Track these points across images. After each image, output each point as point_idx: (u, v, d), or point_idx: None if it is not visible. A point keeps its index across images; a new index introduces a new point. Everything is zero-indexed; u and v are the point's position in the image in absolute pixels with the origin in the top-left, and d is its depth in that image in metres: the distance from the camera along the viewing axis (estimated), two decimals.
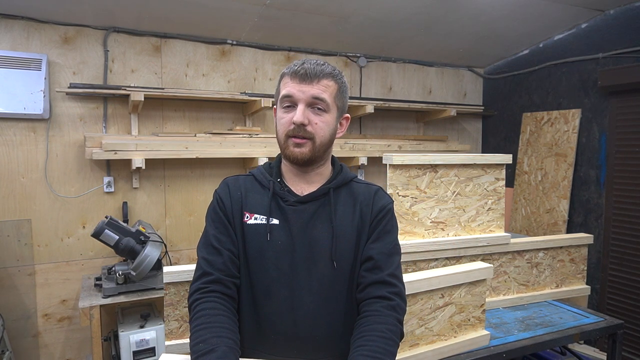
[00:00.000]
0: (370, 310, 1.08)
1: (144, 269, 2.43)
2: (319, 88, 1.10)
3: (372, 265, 1.13)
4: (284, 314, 1.11)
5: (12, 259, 2.72)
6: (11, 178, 2.71)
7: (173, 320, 1.48)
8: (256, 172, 1.22)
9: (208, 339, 0.99)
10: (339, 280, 1.13)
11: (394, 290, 1.11)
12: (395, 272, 1.14)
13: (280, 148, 1.15)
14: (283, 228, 1.13)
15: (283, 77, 1.15)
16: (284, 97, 1.11)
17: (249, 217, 1.15)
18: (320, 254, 1.12)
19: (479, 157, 1.95)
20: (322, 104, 1.11)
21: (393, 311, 1.08)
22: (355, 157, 3.41)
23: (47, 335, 2.84)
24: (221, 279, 1.10)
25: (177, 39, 3.10)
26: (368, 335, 1.03)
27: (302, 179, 1.19)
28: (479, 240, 1.96)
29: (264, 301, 1.12)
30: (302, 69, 1.10)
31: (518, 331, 1.81)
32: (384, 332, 1.03)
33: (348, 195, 1.19)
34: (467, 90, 4.26)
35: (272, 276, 1.11)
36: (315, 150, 1.12)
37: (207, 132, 3.10)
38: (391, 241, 1.18)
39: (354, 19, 3.03)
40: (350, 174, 1.24)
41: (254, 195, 1.17)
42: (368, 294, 1.11)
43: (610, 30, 3.14)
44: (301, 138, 1.10)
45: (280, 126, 1.13)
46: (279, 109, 1.14)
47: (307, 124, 1.09)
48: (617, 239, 3.09)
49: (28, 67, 2.62)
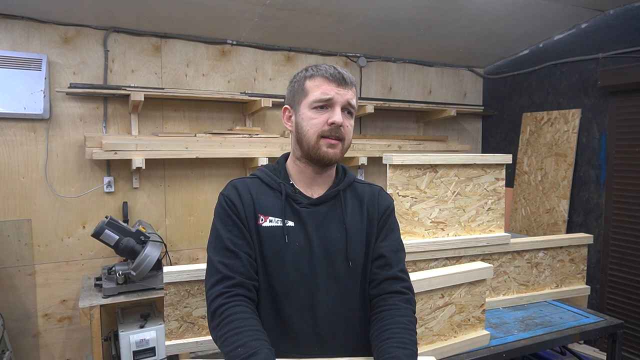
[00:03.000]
0: (388, 304, 1.14)
1: (144, 269, 2.43)
2: (351, 93, 1.16)
3: (384, 263, 1.19)
4: (304, 313, 1.13)
5: (12, 259, 2.73)
6: (11, 178, 2.71)
7: (173, 320, 1.48)
8: (261, 175, 1.22)
9: (246, 342, 0.99)
10: (353, 278, 1.18)
11: (407, 285, 1.19)
12: (404, 268, 1.22)
13: (309, 148, 1.14)
14: (299, 230, 1.15)
15: (312, 78, 1.15)
16: (320, 99, 1.12)
17: (264, 219, 1.15)
18: (335, 254, 1.16)
19: (479, 157, 1.95)
20: (352, 109, 1.17)
21: (409, 304, 1.16)
22: (355, 157, 3.42)
23: (47, 335, 2.84)
24: (244, 283, 1.10)
25: (177, 39, 3.10)
26: (394, 328, 1.08)
27: (313, 181, 1.21)
28: (479, 240, 1.96)
29: (284, 302, 1.13)
30: (339, 73, 1.14)
31: (518, 331, 1.81)
32: (406, 324, 1.10)
33: (354, 196, 1.24)
34: (467, 90, 4.26)
35: (291, 277, 1.13)
36: (343, 152, 1.17)
37: (207, 132, 3.10)
38: (396, 238, 1.25)
39: (354, 19, 3.03)
40: (352, 175, 1.28)
41: (265, 197, 1.18)
42: (383, 289, 1.17)
43: (610, 30, 3.14)
44: (336, 139, 1.13)
45: (311, 127, 1.13)
46: (308, 109, 1.14)
47: (342, 126, 1.13)
48: (617, 239, 3.09)
49: (28, 67, 2.63)
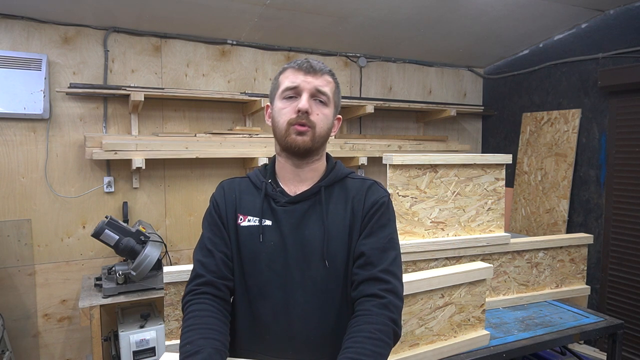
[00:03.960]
0: (362, 309, 1.05)
1: (144, 269, 2.43)
2: (322, 81, 1.13)
3: (364, 262, 1.09)
4: (278, 314, 1.11)
5: (12, 259, 2.72)
6: (11, 178, 2.71)
7: (173, 320, 1.48)
8: (252, 174, 1.23)
9: (195, 340, 0.99)
10: (332, 280, 1.11)
11: (387, 287, 1.06)
12: (389, 268, 1.09)
13: (280, 138, 1.13)
14: (275, 229, 1.13)
15: (284, 71, 1.16)
16: (287, 89, 1.12)
17: (243, 219, 1.15)
18: (312, 254, 1.11)
19: (479, 157, 1.95)
20: (323, 97, 1.13)
21: (385, 310, 1.03)
22: (355, 157, 3.41)
23: (47, 335, 2.84)
24: (213, 281, 1.11)
25: (177, 39, 3.10)
26: (356, 336, 0.99)
27: (296, 176, 1.17)
28: (479, 240, 1.96)
29: (258, 302, 1.12)
30: (307, 62, 1.14)
31: (518, 331, 1.82)
32: (372, 332, 0.99)
33: (341, 192, 1.17)
34: (467, 90, 4.26)
35: (265, 277, 1.12)
36: (315, 140, 1.12)
37: (207, 132, 3.10)
38: (385, 236, 1.13)
39: (354, 19, 3.03)
40: (344, 170, 1.22)
41: (248, 197, 1.18)
42: (360, 292, 1.07)
43: (610, 30, 3.14)
44: (304, 126, 1.10)
45: (281, 116, 1.12)
46: (279, 100, 1.14)
47: (310, 113, 1.10)
48: (617, 239, 3.09)
49: (28, 67, 2.62)
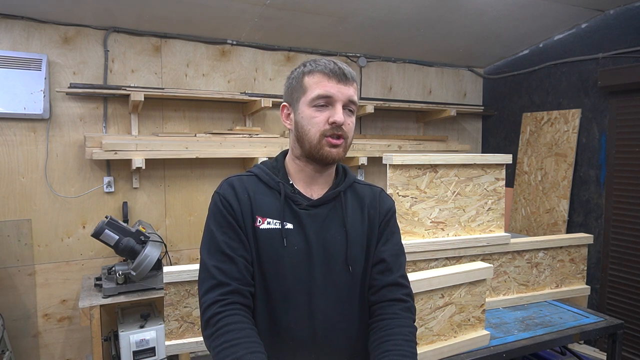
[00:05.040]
0: (388, 313, 1.11)
1: (144, 269, 2.43)
2: (352, 90, 1.10)
3: (384, 268, 1.15)
4: (302, 320, 1.08)
5: (12, 259, 2.72)
6: (11, 178, 2.71)
7: (173, 320, 1.48)
8: (259, 172, 1.15)
9: (242, 356, 0.95)
10: (353, 284, 1.13)
11: (407, 292, 1.15)
12: (404, 273, 1.18)
13: (310, 148, 1.08)
14: (298, 233, 1.09)
15: (311, 74, 1.08)
16: (320, 96, 1.06)
17: (261, 221, 1.09)
18: (335, 259, 1.11)
19: (479, 157, 1.95)
20: (353, 107, 1.11)
21: (410, 313, 1.12)
22: (355, 157, 3.41)
23: (47, 335, 2.84)
24: (239, 289, 1.04)
25: (177, 39, 3.10)
26: (394, 339, 1.05)
27: (313, 180, 1.15)
28: (479, 240, 1.96)
29: (281, 308, 1.08)
30: (339, 69, 1.08)
31: (518, 331, 1.81)
32: (407, 335, 1.06)
33: (354, 198, 1.18)
34: (467, 90, 4.26)
35: (289, 282, 1.08)
36: (346, 151, 1.12)
37: (207, 132, 3.10)
38: (397, 242, 1.20)
39: (354, 19, 3.03)
40: (353, 175, 1.22)
41: (263, 197, 1.11)
42: (383, 296, 1.13)
43: (610, 30, 3.14)
44: (338, 138, 1.07)
45: (312, 125, 1.07)
46: (307, 107, 1.08)
47: (343, 124, 1.08)
48: (617, 239, 3.09)
49: (28, 67, 2.62)
